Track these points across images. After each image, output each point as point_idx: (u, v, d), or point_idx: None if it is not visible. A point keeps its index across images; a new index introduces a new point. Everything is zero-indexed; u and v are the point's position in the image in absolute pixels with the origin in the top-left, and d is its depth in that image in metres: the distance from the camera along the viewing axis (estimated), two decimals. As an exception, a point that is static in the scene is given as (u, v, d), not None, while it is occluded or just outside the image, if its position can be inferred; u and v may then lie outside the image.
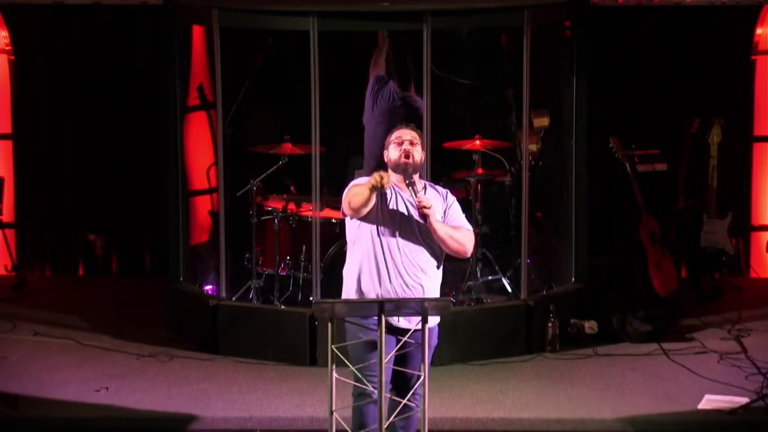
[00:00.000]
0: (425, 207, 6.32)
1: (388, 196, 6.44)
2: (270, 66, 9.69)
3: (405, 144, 6.46)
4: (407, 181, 6.44)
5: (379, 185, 6.18)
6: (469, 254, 6.55)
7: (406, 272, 6.41)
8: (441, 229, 6.38)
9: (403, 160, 6.45)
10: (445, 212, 6.51)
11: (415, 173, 6.48)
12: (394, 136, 6.54)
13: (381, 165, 8.59)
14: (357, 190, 6.35)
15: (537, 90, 8.95)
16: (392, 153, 6.49)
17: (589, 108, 9.35)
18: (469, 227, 6.55)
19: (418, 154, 6.49)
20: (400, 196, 6.46)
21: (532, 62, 8.76)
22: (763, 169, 10.87)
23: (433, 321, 6.41)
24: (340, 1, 8.82)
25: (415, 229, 6.43)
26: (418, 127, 6.73)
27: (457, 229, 6.46)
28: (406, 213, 6.43)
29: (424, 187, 6.54)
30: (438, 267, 6.52)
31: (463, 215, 6.57)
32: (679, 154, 10.29)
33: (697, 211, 10.38)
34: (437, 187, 6.63)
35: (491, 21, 8.99)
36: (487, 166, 9.39)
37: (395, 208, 6.43)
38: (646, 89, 10.62)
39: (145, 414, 7.76)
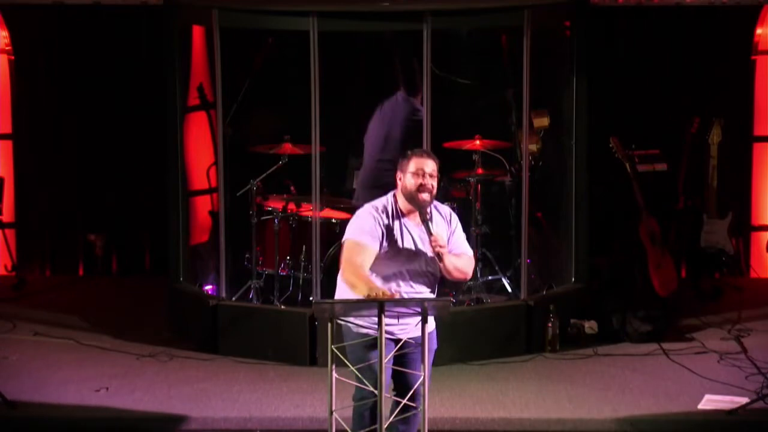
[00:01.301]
0: (441, 247, 6.26)
1: (397, 233, 6.35)
2: (270, 66, 9.68)
3: (426, 178, 6.31)
4: (423, 219, 6.31)
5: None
6: (469, 278, 6.56)
7: (406, 296, 6.37)
8: (449, 264, 6.33)
9: (422, 197, 6.29)
10: (449, 239, 6.45)
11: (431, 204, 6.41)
12: (413, 165, 6.33)
13: (380, 163, 8.62)
14: (356, 279, 6.18)
15: (537, 90, 8.94)
16: (408, 182, 6.32)
17: (589, 108, 9.35)
18: (470, 252, 6.50)
19: (436, 186, 6.37)
20: (408, 231, 6.37)
21: (532, 62, 8.76)
22: (763, 169, 10.87)
23: (430, 326, 6.39)
24: (340, 1, 8.82)
25: (422, 262, 6.38)
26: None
27: (459, 256, 6.42)
28: (414, 249, 6.36)
29: (430, 212, 6.44)
30: (433, 291, 6.50)
31: (465, 237, 6.53)
32: (679, 154, 10.30)
33: (697, 211, 10.38)
34: (441, 209, 6.52)
35: (491, 21, 8.98)
36: (487, 166, 9.39)
37: (405, 246, 6.34)
38: (646, 89, 10.62)
39: (145, 414, 7.77)
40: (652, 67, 10.64)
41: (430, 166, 6.35)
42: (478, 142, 9.32)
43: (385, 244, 6.31)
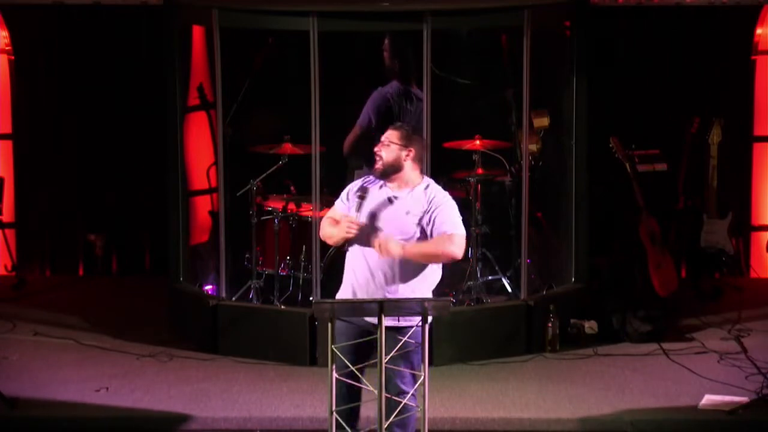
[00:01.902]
0: (351, 228, 6.38)
1: (372, 198, 6.49)
2: (270, 66, 9.68)
3: (377, 148, 6.51)
4: (360, 195, 6.49)
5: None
6: (456, 257, 6.43)
7: (383, 278, 6.42)
8: (410, 253, 6.35)
9: (375, 165, 6.52)
10: (428, 217, 6.46)
11: (395, 173, 6.49)
12: None
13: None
14: (331, 231, 6.51)
15: (537, 90, 8.94)
16: None
17: (589, 108, 9.35)
18: (453, 231, 6.42)
19: (391, 154, 6.48)
20: (384, 197, 6.50)
21: (532, 62, 8.76)
22: (763, 169, 10.87)
23: (414, 321, 6.35)
24: (340, 1, 8.82)
25: (392, 228, 6.44)
26: (417, 125, 6.72)
27: (434, 241, 6.39)
28: (383, 214, 6.48)
29: (412, 187, 6.51)
30: (417, 275, 6.45)
31: (452, 218, 6.47)
32: (679, 154, 10.29)
33: (697, 211, 10.38)
34: (430, 189, 6.54)
35: (491, 21, 8.98)
36: (487, 166, 9.39)
37: (375, 208, 6.49)
38: (646, 89, 10.61)
39: (145, 414, 7.77)
40: (652, 67, 10.64)
41: (387, 135, 6.53)
42: (478, 142, 9.32)
43: (359, 210, 6.47)
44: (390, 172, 6.48)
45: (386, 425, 6.04)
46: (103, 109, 10.75)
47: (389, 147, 6.48)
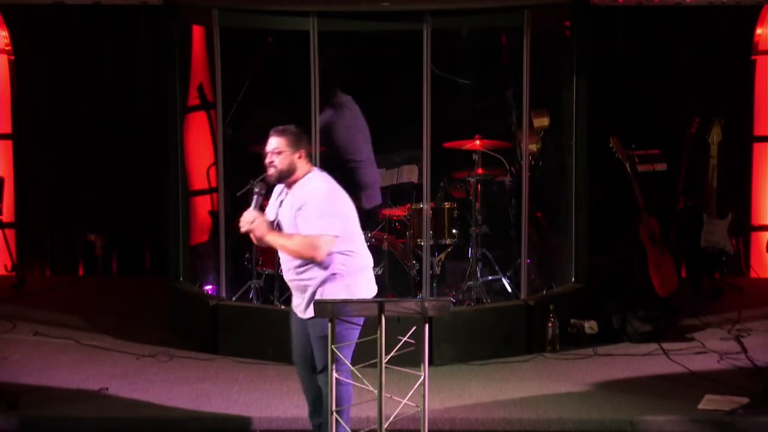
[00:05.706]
0: (242, 226, 6.65)
1: (275, 203, 6.78)
2: (270, 66, 9.68)
3: (268, 156, 6.65)
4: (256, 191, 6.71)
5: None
6: (316, 260, 6.52)
7: (289, 270, 6.70)
8: (275, 243, 6.59)
9: (268, 172, 6.65)
10: (301, 212, 6.59)
11: (290, 176, 6.62)
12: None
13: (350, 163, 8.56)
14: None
15: (537, 90, 8.94)
16: None
17: (589, 108, 9.35)
18: (310, 232, 6.50)
19: (284, 161, 6.61)
20: (280, 201, 6.76)
21: (532, 62, 8.76)
22: (763, 169, 10.87)
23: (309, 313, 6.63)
24: (340, 1, 8.82)
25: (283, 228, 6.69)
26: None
27: (290, 237, 6.56)
28: (273, 218, 6.75)
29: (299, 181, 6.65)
30: (306, 264, 6.60)
31: (319, 216, 6.52)
32: (679, 154, 10.30)
33: (697, 211, 10.38)
34: (310, 186, 6.63)
35: (491, 21, 8.98)
36: (487, 166, 9.39)
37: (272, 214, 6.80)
38: (646, 89, 10.62)
39: (145, 414, 7.77)
40: (652, 67, 10.64)
41: (272, 144, 6.67)
42: (478, 142, 9.32)
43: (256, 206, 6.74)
44: (285, 176, 6.64)
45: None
46: (103, 109, 10.75)
47: (281, 155, 6.61)
